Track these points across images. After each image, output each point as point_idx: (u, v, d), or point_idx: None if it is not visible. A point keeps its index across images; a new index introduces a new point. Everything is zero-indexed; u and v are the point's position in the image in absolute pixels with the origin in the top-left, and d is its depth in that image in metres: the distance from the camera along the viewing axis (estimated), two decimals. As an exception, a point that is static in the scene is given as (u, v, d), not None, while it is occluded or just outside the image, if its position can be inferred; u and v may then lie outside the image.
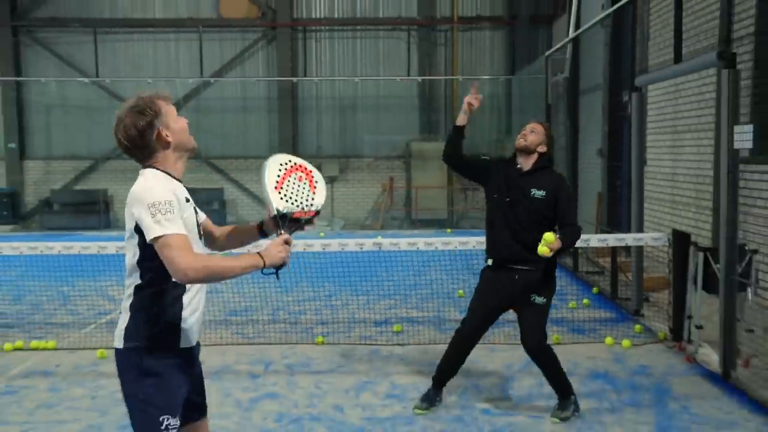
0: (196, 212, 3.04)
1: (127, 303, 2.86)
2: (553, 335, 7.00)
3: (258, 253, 2.87)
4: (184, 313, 2.87)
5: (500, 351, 6.87)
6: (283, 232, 3.02)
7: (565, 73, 13.59)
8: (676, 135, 9.44)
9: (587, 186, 14.26)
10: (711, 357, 6.13)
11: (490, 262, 5.17)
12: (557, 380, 5.16)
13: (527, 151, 5.10)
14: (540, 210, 5.06)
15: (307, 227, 3.18)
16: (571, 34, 13.03)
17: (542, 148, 5.11)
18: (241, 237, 3.32)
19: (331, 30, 18.99)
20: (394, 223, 18.55)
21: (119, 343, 2.83)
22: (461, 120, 5.12)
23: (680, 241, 7.09)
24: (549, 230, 4.92)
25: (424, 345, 7.17)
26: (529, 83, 17.09)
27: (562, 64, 13.57)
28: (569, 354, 6.68)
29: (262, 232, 3.15)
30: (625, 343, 7.05)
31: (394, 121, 19.00)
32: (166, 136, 2.85)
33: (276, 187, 3.12)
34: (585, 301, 9.10)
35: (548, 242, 4.61)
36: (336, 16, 18.84)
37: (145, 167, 2.90)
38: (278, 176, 3.14)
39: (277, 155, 3.28)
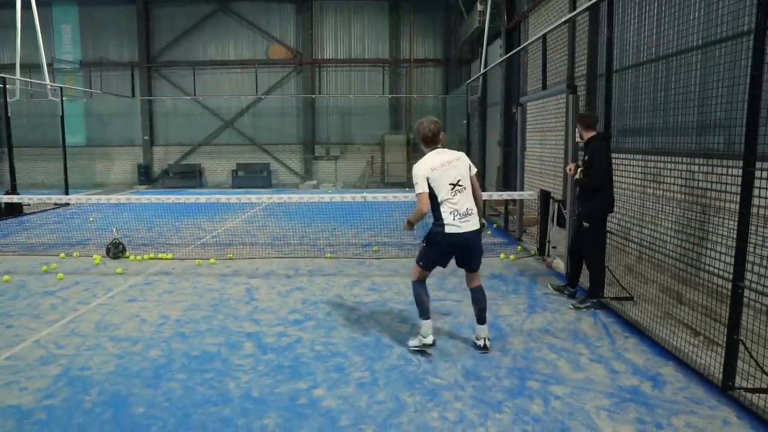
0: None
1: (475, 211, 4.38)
2: None
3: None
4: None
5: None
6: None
7: (478, 94, 15.30)
8: (543, 133, 10.13)
9: (491, 163, 16.05)
10: (560, 264, 7.03)
11: None
12: None
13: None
14: None
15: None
16: (482, 71, 14.75)
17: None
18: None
19: (335, 65, 22.18)
20: (374, 184, 21.29)
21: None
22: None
23: (544, 196, 7.90)
24: None
25: (391, 258, 8.00)
26: (456, 100, 19.71)
27: (476, 88, 15.35)
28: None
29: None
30: (512, 257, 8.03)
31: (374, 122, 21.79)
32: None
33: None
34: (489, 232, 10.09)
35: None
36: (339, 57, 21.82)
37: (436, 146, 4.46)
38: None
39: None
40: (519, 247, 8.78)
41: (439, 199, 4.33)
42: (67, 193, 14.46)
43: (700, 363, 4.09)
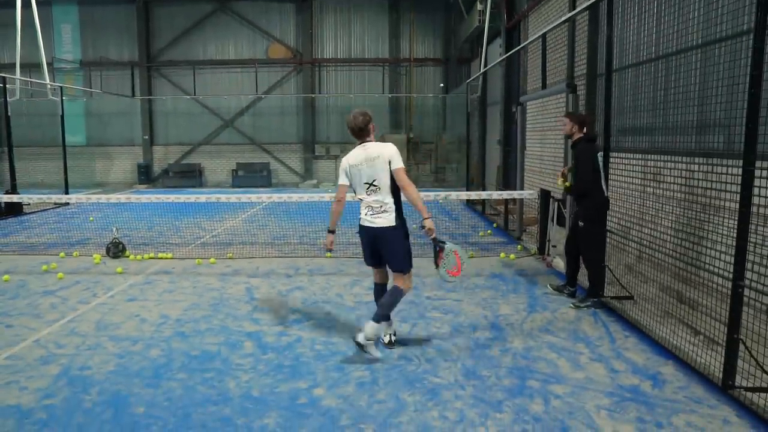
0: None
1: (379, 208, 4.25)
2: (469, 252, 8.04)
3: (429, 217, 4.18)
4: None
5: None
6: (436, 239, 4.29)
7: (478, 93, 15.21)
8: (543, 132, 10.10)
9: (491, 162, 16.03)
10: (560, 263, 7.00)
11: None
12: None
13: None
14: None
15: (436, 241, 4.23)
16: (482, 70, 14.66)
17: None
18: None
19: (335, 64, 22.09)
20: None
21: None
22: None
23: (544, 195, 7.85)
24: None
25: None
26: (456, 99, 19.78)
27: (476, 87, 15.26)
28: (480, 263, 7.62)
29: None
30: (512, 256, 8.01)
31: (374, 121, 21.67)
32: (372, 128, 4.40)
33: (455, 252, 4.33)
34: (489, 231, 10.13)
35: None
36: (339, 56, 21.75)
37: (368, 140, 4.38)
38: (457, 255, 4.32)
39: (462, 250, 4.40)
40: (519, 246, 8.78)
41: (357, 195, 4.54)
42: (67, 193, 14.46)
43: (700, 362, 4.09)
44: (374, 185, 4.34)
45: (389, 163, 4.30)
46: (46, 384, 4.00)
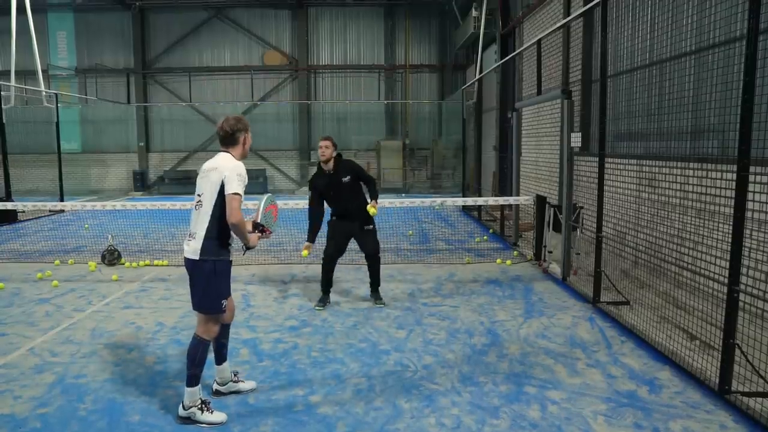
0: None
1: (196, 232, 3.49)
2: (466, 258, 8.21)
3: (251, 231, 3.57)
4: (232, 243, 3.61)
5: (433, 268, 7.75)
6: (257, 231, 3.67)
7: (473, 99, 15.20)
8: (538, 138, 10.05)
9: (487, 168, 16.08)
10: (556, 269, 7.01)
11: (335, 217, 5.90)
12: (378, 276, 6.01)
13: (327, 160, 5.72)
14: (351, 187, 5.80)
15: (261, 236, 3.67)
16: (477, 76, 14.66)
17: (334, 153, 5.72)
18: None
19: (331, 71, 22.13)
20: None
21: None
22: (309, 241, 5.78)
23: (540, 201, 7.85)
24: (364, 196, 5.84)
25: (387, 264, 7.77)
26: (452, 105, 19.91)
27: (472, 94, 15.18)
28: (476, 269, 7.63)
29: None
30: (508, 262, 8.03)
31: (370, 128, 21.81)
32: (244, 140, 3.61)
33: (265, 210, 3.70)
34: (485, 237, 10.15)
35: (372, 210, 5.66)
36: (335, 63, 21.77)
37: (227, 152, 3.55)
38: (266, 205, 3.73)
39: (271, 195, 3.85)
40: (515, 252, 8.79)
41: None
42: (62, 200, 14.40)
43: (697, 367, 4.10)
44: (199, 201, 3.55)
45: (222, 182, 3.44)
46: (40, 393, 3.97)
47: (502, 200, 9.11)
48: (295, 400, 3.86)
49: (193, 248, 3.53)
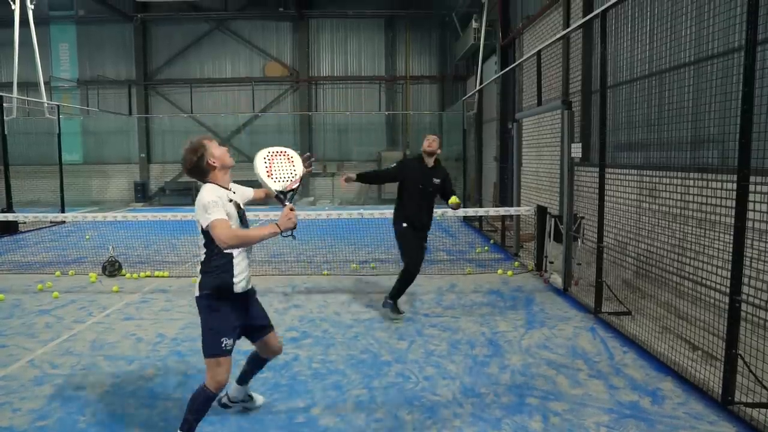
0: (239, 207, 3.18)
1: (197, 268, 3.27)
2: (466, 269, 8.20)
3: (275, 223, 2.96)
4: (235, 272, 3.18)
5: (434, 279, 7.74)
6: (286, 204, 3.06)
7: (474, 110, 15.31)
8: (539, 148, 10.00)
9: (488, 178, 16.14)
10: (557, 280, 7.00)
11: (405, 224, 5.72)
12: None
13: (433, 152, 5.76)
14: (436, 191, 5.76)
15: (290, 204, 3.08)
16: (477, 87, 14.87)
17: (439, 151, 5.81)
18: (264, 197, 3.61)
19: (332, 82, 22.24)
20: (371, 201, 21.13)
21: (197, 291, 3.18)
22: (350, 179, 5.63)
23: (541, 211, 7.90)
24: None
25: (388, 275, 7.90)
26: (452, 116, 19.78)
27: (472, 104, 15.41)
28: (477, 279, 7.62)
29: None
30: (509, 273, 8.00)
31: (370, 139, 21.88)
32: (213, 162, 3.17)
33: (268, 175, 3.15)
34: (486, 248, 10.16)
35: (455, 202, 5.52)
36: (335, 74, 21.88)
37: (204, 182, 3.19)
38: (266, 166, 3.17)
39: (259, 152, 3.24)
40: (516, 263, 8.79)
41: None
42: (63, 211, 14.42)
43: (699, 378, 4.08)
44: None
45: (198, 221, 3.14)
46: (39, 405, 3.96)
47: (503, 210, 9.10)
48: (296, 411, 3.85)
49: (197, 285, 3.31)
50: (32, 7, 14.90)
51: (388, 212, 8.28)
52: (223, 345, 3.16)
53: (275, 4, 21.60)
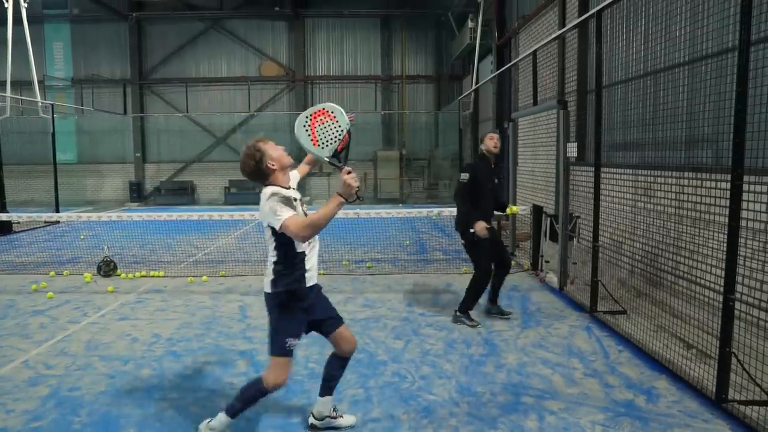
0: (302, 205, 3.19)
1: (268, 268, 3.17)
2: (463, 268, 8.19)
3: (337, 193, 2.83)
4: (307, 266, 3.17)
5: (430, 278, 7.66)
6: (341, 167, 2.89)
7: (470, 110, 15.30)
8: (535, 148, 10.11)
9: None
10: (553, 279, 7.03)
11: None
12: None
13: (500, 151, 5.75)
14: (496, 188, 5.77)
15: (347, 167, 2.92)
16: (473, 87, 14.96)
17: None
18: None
19: (328, 82, 22.23)
20: (367, 200, 20.95)
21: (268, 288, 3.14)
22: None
23: (537, 210, 7.83)
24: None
25: (384, 275, 7.91)
26: (448, 116, 20.11)
27: (468, 104, 15.52)
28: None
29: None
30: None
31: (367, 138, 21.78)
32: (272, 165, 3.11)
33: (314, 144, 2.99)
34: None
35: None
36: (331, 74, 21.89)
37: (265, 185, 3.13)
38: (308, 134, 2.98)
39: (297, 119, 3.05)
40: (512, 262, 8.72)
41: None
42: (57, 211, 14.38)
43: (694, 376, 4.11)
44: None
45: (268, 224, 3.10)
46: (33, 406, 3.95)
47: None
48: (292, 411, 3.85)
49: (265, 281, 3.24)
50: (26, 5, 14.83)
51: (384, 212, 8.43)
52: (287, 345, 3.20)
53: (271, 4, 21.59)
